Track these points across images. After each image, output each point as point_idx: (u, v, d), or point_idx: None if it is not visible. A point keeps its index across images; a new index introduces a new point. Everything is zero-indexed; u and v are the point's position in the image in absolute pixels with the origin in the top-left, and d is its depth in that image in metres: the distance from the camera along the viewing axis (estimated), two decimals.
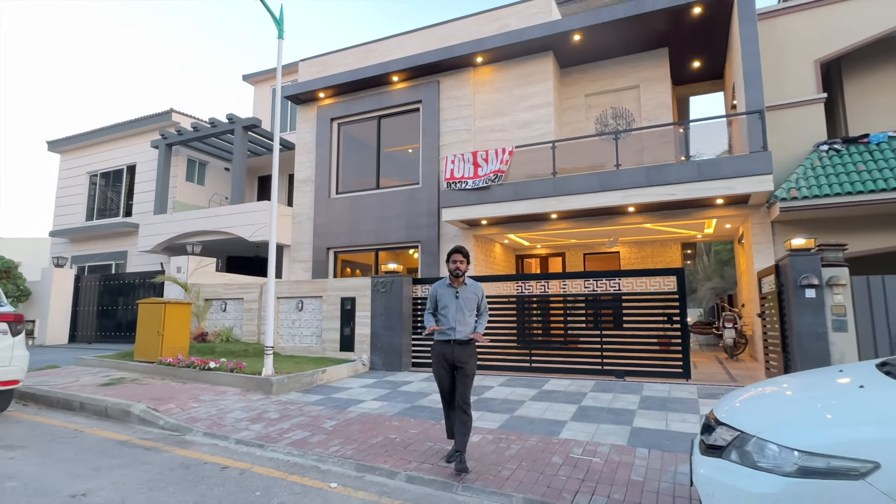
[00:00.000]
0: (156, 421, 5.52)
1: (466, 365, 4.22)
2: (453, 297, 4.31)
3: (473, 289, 4.41)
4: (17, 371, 5.55)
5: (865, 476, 2.04)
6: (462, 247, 4.39)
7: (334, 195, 13.33)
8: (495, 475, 3.97)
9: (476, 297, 4.39)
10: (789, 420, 2.50)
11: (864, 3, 9.24)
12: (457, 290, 4.33)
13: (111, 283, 13.99)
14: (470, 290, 4.38)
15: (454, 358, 4.21)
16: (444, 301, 4.34)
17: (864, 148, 8.56)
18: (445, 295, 4.35)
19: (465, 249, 4.40)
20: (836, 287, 6.08)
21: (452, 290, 4.34)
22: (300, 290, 9.87)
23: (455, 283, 4.37)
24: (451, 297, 4.31)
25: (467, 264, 4.39)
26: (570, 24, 10.72)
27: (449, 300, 4.31)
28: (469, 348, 4.27)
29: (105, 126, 17.76)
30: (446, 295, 4.34)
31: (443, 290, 4.39)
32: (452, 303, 4.29)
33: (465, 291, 4.34)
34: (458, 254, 4.35)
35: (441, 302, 4.35)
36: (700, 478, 2.68)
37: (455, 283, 4.37)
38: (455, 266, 4.32)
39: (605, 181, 9.41)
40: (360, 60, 13.62)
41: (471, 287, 4.40)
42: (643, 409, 5.74)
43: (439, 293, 4.40)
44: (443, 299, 4.35)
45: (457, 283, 4.36)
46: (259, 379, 6.88)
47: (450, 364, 4.24)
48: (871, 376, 2.76)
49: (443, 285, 4.43)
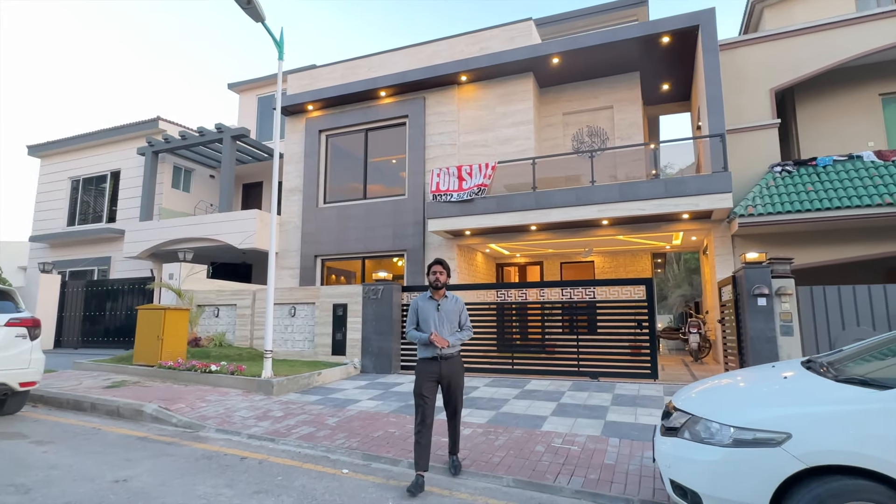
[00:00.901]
0: (168, 419, 5.93)
1: (456, 379, 4.18)
2: (434, 310, 4.19)
3: (454, 302, 4.30)
4: (34, 373, 5.89)
5: (781, 444, 2.67)
6: (442, 259, 4.32)
7: (322, 204, 13.77)
8: (487, 461, 4.53)
9: (458, 310, 4.29)
10: (728, 404, 3.15)
11: (814, 37, 10.21)
12: (438, 302, 4.22)
13: (97, 289, 14.09)
14: (451, 302, 4.27)
15: (442, 375, 4.10)
16: (424, 315, 4.20)
17: (813, 170, 9.48)
18: (426, 308, 4.22)
19: (446, 261, 4.31)
20: (783, 296, 6.86)
21: (433, 304, 4.22)
22: (293, 297, 10.30)
23: (436, 296, 4.25)
24: (432, 310, 4.19)
25: (448, 276, 4.27)
26: (549, 49, 11.46)
27: (430, 314, 4.18)
28: (456, 362, 4.19)
29: (89, 132, 17.80)
30: (427, 308, 4.21)
31: (424, 304, 4.25)
32: (433, 316, 4.16)
33: (447, 304, 4.24)
34: (439, 265, 4.24)
35: (422, 316, 4.22)
36: (660, 454, 3.30)
37: (436, 296, 4.25)
38: (435, 278, 4.20)
39: (582, 196, 10.12)
40: (347, 75, 14.13)
41: (452, 300, 4.29)
42: (615, 406, 6.40)
43: (420, 306, 4.26)
44: (424, 313, 4.21)
45: (438, 296, 4.24)
46: (260, 381, 7.31)
47: (438, 381, 4.12)
48: (795, 370, 3.44)
49: (423, 298, 4.29)
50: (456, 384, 4.19)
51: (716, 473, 2.84)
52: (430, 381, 4.09)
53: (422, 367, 4.15)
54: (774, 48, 10.42)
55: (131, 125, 16.98)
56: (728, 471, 2.79)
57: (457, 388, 4.21)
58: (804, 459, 2.59)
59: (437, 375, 4.09)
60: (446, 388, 4.17)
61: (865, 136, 10.31)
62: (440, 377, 4.10)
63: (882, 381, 2.79)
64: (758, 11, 13.48)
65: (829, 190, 8.93)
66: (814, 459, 2.57)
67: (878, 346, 3.49)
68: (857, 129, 10.43)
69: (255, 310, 10.54)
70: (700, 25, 10.26)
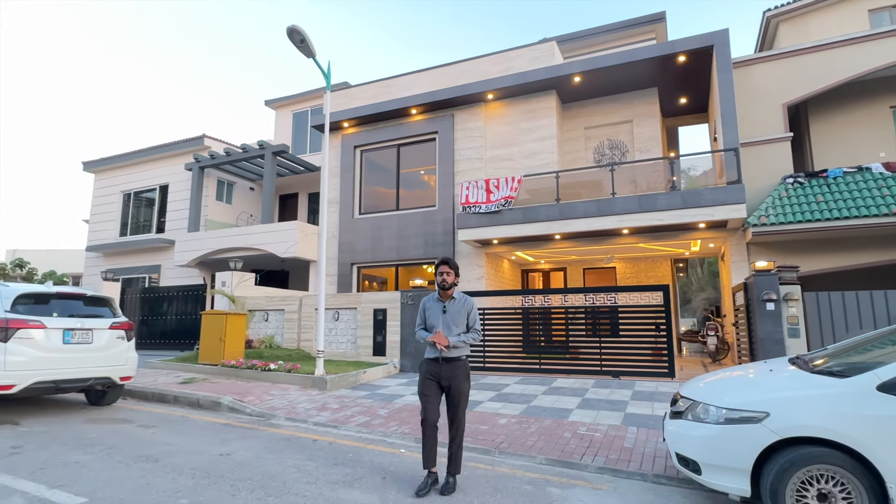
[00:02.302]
0: (243, 409, 6.86)
1: (458, 383, 4.02)
2: (440, 311, 4.11)
3: (463, 303, 4.17)
4: (130, 369, 6.90)
5: (761, 421, 3.40)
6: (449, 258, 4.19)
7: (358, 215, 14.73)
8: (522, 444, 5.31)
9: (465, 311, 4.14)
10: (721, 391, 3.89)
11: (825, 54, 10.75)
12: (444, 304, 4.13)
13: (152, 296, 15.27)
14: (459, 304, 4.14)
15: (443, 377, 4.00)
16: (431, 316, 4.16)
17: (823, 181, 10.02)
18: (433, 309, 4.17)
19: (453, 261, 4.20)
20: (790, 301, 7.49)
21: (440, 305, 4.14)
22: (337, 303, 11.24)
23: (443, 297, 4.15)
24: (438, 311, 4.13)
25: (455, 276, 4.15)
26: (570, 69, 12.21)
27: (436, 315, 4.12)
28: (459, 366, 4.05)
29: (139, 149, 19.18)
30: (433, 309, 4.16)
31: (431, 305, 4.20)
32: (439, 318, 4.10)
33: (454, 306, 4.12)
34: (445, 265, 4.12)
35: (429, 317, 4.17)
36: (668, 433, 4.05)
37: (443, 297, 4.15)
38: (441, 279, 4.09)
39: (603, 207, 10.82)
40: (380, 94, 15.09)
41: (460, 301, 4.17)
42: (634, 400, 7.11)
43: (427, 307, 4.21)
44: (430, 314, 4.17)
45: (445, 297, 4.14)
46: (314, 378, 8.22)
47: (439, 383, 4.03)
48: (781, 365, 4.16)
49: (431, 299, 4.23)
50: (457, 389, 4.02)
51: (711, 445, 3.58)
52: (429, 379, 4.02)
53: (423, 367, 4.13)
54: (787, 65, 10.99)
55: (178, 142, 18.26)
56: (720, 443, 3.53)
57: (458, 394, 4.03)
58: (779, 432, 3.31)
59: (438, 376, 4.00)
60: (447, 391, 4.05)
61: (877, 148, 10.79)
62: (440, 378, 4.00)
63: (843, 371, 3.52)
64: (773, 26, 14.00)
65: (838, 200, 9.47)
66: (786, 432, 3.30)
67: (853, 346, 4.19)
68: (868, 141, 10.91)
69: (301, 314, 11.51)
70: (714, 46, 10.89)
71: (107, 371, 6.54)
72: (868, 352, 4.05)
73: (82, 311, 6.63)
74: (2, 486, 3.79)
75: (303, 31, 8.24)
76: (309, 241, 14.92)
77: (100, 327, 6.56)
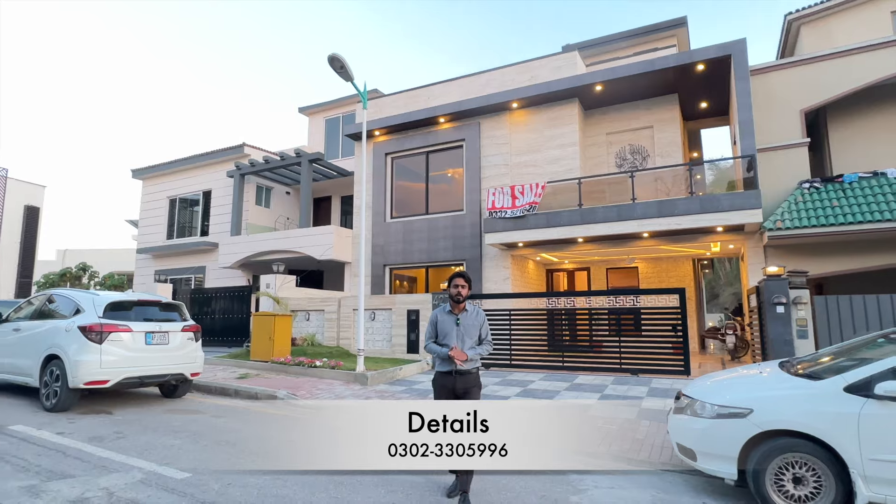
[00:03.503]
0: (296, 402, 7.74)
1: (472, 396, 4.07)
2: (454, 324, 4.11)
3: (475, 315, 4.21)
4: (199, 366, 7.86)
5: (746, 416, 4.03)
6: (465, 272, 4.23)
7: (389, 219, 15.56)
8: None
9: (478, 323, 4.19)
10: (716, 391, 4.52)
11: (843, 61, 11.02)
12: (458, 316, 4.13)
13: (200, 296, 16.43)
14: (471, 316, 4.18)
15: (457, 389, 4.02)
16: (444, 329, 4.14)
17: (839, 186, 10.35)
18: (446, 322, 4.15)
19: (468, 275, 4.23)
20: (799, 305, 7.97)
21: (453, 318, 4.13)
22: (373, 304, 12.11)
23: (456, 310, 4.15)
24: (451, 324, 4.12)
25: (469, 289, 4.18)
26: (593, 78, 12.74)
27: (449, 328, 4.11)
28: (472, 378, 4.10)
29: (184, 157, 20.44)
30: (447, 322, 4.14)
31: (443, 317, 4.18)
32: (453, 330, 4.09)
33: (467, 318, 4.14)
34: (461, 278, 4.14)
35: (441, 330, 4.15)
36: (671, 427, 4.71)
37: (456, 310, 4.15)
38: (456, 291, 4.10)
39: (623, 212, 11.37)
40: (409, 103, 15.85)
41: (472, 313, 4.20)
42: (650, 396, 7.73)
43: (440, 320, 4.19)
44: (443, 327, 4.15)
45: (458, 310, 4.15)
46: (356, 374, 9.08)
47: (453, 396, 4.05)
48: (771, 368, 4.76)
49: (443, 312, 4.22)
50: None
51: (705, 436, 4.23)
52: (445, 394, 4.05)
53: (438, 381, 4.12)
54: (804, 72, 11.29)
55: (220, 151, 19.40)
56: (712, 434, 4.18)
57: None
58: (761, 426, 3.94)
59: (453, 390, 4.03)
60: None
61: (895, 152, 11.03)
62: (455, 391, 4.03)
63: (819, 374, 4.12)
64: (794, 29, 14.19)
65: (853, 205, 9.81)
66: (767, 426, 3.92)
67: (836, 352, 4.76)
68: (887, 146, 11.15)
69: (340, 314, 12.42)
70: (732, 55, 11.27)
71: (180, 368, 7.51)
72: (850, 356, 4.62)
73: (158, 316, 7.60)
74: (121, 463, 4.70)
75: (342, 58, 9.04)
76: (344, 244, 15.83)
77: (174, 330, 7.53)
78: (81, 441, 5.38)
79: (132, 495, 3.91)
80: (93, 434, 5.67)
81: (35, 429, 5.84)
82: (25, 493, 3.91)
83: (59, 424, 6.08)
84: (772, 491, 3.85)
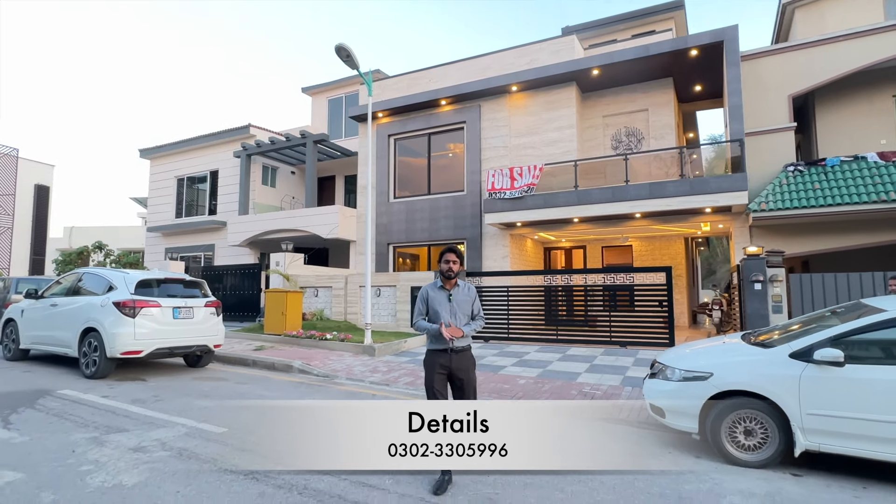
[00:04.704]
0: (311, 371, 8.45)
1: (469, 374, 3.97)
2: (446, 300, 4.01)
3: (467, 291, 4.12)
4: (220, 338, 8.55)
5: (707, 379, 4.69)
6: (455, 247, 4.11)
7: (392, 199, 16.10)
8: (535, 399, 6.71)
9: (470, 299, 4.11)
10: (684, 358, 5.18)
11: (831, 47, 11.41)
12: (450, 292, 4.04)
13: (211, 273, 17.04)
14: (463, 292, 4.09)
15: (453, 368, 3.91)
16: (435, 305, 4.02)
17: (822, 169, 10.87)
18: (437, 298, 4.03)
19: (459, 249, 4.10)
20: (775, 282, 8.59)
21: (445, 293, 4.04)
22: (378, 281, 12.76)
23: (447, 286, 4.06)
24: (443, 300, 4.01)
25: (461, 266, 4.10)
26: (590, 63, 13.12)
27: (441, 304, 4.00)
28: (468, 356, 4.01)
29: (190, 137, 20.86)
30: (438, 298, 4.03)
31: (434, 293, 4.06)
32: (445, 307, 3.99)
33: (459, 294, 4.05)
34: (452, 253, 4.03)
35: (432, 306, 4.04)
36: (645, 389, 5.37)
37: (447, 286, 4.06)
38: (448, 267, 4.01)
39: (617, 194, 11.90)
40: (411, 86, 16.22)
41: (464, 289, 4.11)
42: (635, 366, 8.43)
43: (430, 296, 4.07)
44: (434, 303, 4.03)
45: (449, 286, 4.06)
46: (364, 346, 9.77)
47: (448, 375, 3.95)
48: (732, 339, 5.41)
49: (434, 288, 4.09)
50: (468, 381, 3.97)
51: (672, 396, 4.89)
52: (440, 373, 3.92)
53: (431, 359, 3.99)
54: (793, 58, 11.69)
55: (226, 131, 19.83)
56: (679, 394, 4.84)
57: (470, 386, 3.98)
58: (718, 387, 4.60)
59: (448, 369, 3.92)
60: (458, 385, 3.97)
61: (879, 137, 11.51)
62: (450, 370, 3.93)
63: (771, 344, 4.76)
64: (789, 13, 14.48)
65: (833, 188, 10.35)
66: (723, 387, 4.58)
67: (791, 325, 5.39)
68: (870, 130, 11.62)
69: (347, 291, 13.09)
70: (724, 41, 11.65)
71: (204, 340, 8.20)
72: (803, 327, 5.26)
73: (182, 293, 8.26)
74: (165, 420, 5.40)
75: (349, 47, 9.48)
76: (348, 223, 16.41)
77: (198, 305, 8.19)
78: (125, 403, 6.08)
79: (182, 445, 4.60)
80: (134, 397, 6.38)
81: (81, 393, 6.55)
82: (92, 442, 4.60)
83: (100, 389, 6.78)
84: (726, 441, 4.52)
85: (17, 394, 6.48)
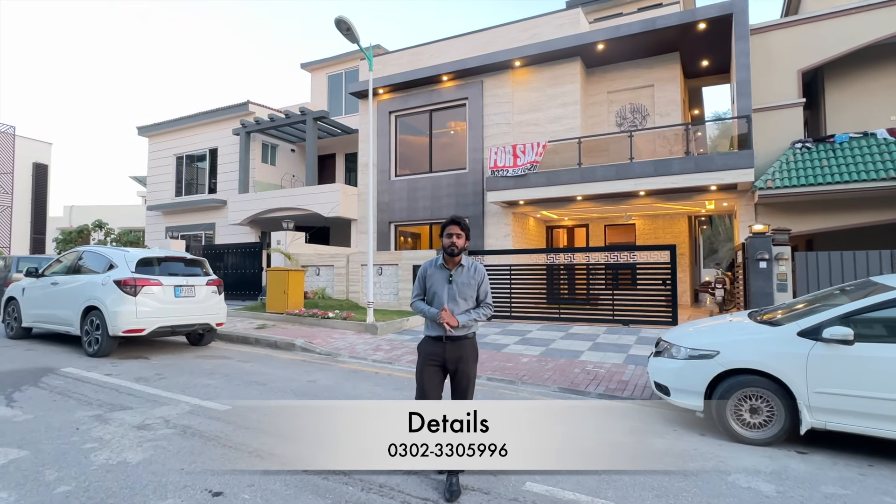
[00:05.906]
0: (314, 349, 8.45)
1: (465, 366, 3.41)
2: (445, 281, 3.42)
3: (472, 272, 3.48)
4: (222, 316, 8.53)
5: (714, 357, 4.65)
6: (460, 218, 3.45)
7: (394, 177, 15.94)
8: (539, 377, 6.71)
9: (475, 282, 3.47)
10: (690, 336, 5.13)
11: (842, 20, 11.11)
12: (450, 272, 3.43)
13: (212, 252, 16.99)
14: (467, 273, 3.46)
15: (447, 359, 3.37)
16: (433, 286, 3.46)
17: (830, 146, 10.69)
18: (436, 278, 3.47)
19: (464, 221, 3.46)
20: (780, 260, 8.52)
21: (445, 273, 3.44)
22: (380, 260, 12.70)
23: (449, 264, 3.45)
24: (442, 281, 3.43)
25: (466, 240, 3.43)
26: (594, 37, 12.83)
27: (440, 285, 3.43)
28: (466, 345, 3.43)
29: (189, 115, 20.58)
30: (437, 278, 3.46)
31: (433, 272, 3.49)
32: (444, 289, 3.42)
33: (461, 275, 3.44)
34: (456, 225, 3.40)
35: (430, 287, 3.48)
36: (650, 367, 5.34)
37: (449, 264, 3.45)
38: (450, 242, 3.37)
39: (621, 171, 11.75)
40: (412, 61, 15.91)
41: (468, 269, 3.48)
42: (637, 344, 8.41)
43: (429, 275, 3.50)
44: (432, 283, 3.47)
45: (451, 265, 3.45)
46: (367, 324, 9.76)
47: (443, 366, 3.41)
48: (739, 317, 5.36)
49: (433, 266, 3.51)
50: (464, 373, 3.42)
51: (678, 374, 4.86)
52: (431, 364, 3.40)
53: (423, 347, 3.49)
54: (803, 31, 11.40)
55: (225, 108, 19.55)
56: (684, 372, 4.81)
57: (465, 379, 3.43)
58: (725, 365, 4.56)
59: (442, 359, 3.39)
60: (453, 375, 3.44)
61: (889, 113, 11.29)
62: (444, 361, 3.39)
63: (778, 322, 4.71)
64: None
65: (841, 165, 10.19)
66: (730, 365, 4.54)
67: (798, 303, 5.33)
68: (880, 106, 11.39)
69: (348, 269, 13.05)
70: (734, 14, 11.36)
71: (206, 318, 8.17)
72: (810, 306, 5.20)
73: (183, 271, 8.20)
74: (168, 398, 5.39)
75: (349, 20, 9.24)
76: (349, 202, 16.28)
77: (199, 284, 8.15)
78: (129, 381, 6.08)
79: (186, 422, 4.60)
80: (137, 375, 6.37)
81: (85, 371, 6.55)
82: (95, 420, 4.59)
83: (104, 368, 6.78)
84: (732, 420, 4.51)
85: (21, 372, 6.48)
